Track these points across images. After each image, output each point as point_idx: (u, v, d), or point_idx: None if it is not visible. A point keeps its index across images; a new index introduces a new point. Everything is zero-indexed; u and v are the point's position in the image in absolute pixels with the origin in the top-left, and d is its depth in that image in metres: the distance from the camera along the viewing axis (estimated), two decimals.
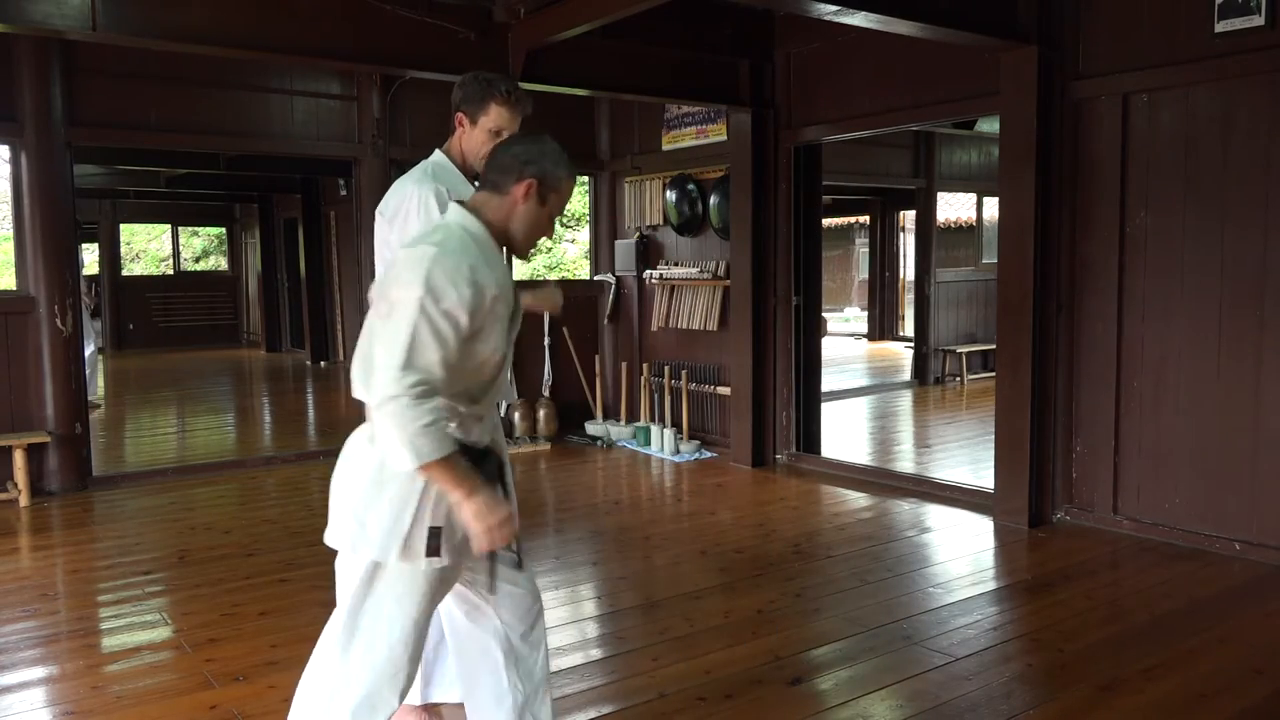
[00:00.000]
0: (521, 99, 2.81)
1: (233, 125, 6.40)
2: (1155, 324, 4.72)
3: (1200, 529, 4.59)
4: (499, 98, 2.78)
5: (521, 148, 2.08)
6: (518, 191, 2.04)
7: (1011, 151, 5.02)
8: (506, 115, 2.80)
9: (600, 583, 4.20)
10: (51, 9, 4.06)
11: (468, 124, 2.82)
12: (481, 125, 2.82)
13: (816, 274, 6.70)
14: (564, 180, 2.09)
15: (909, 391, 10.18)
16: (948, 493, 5.69)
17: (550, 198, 2.08)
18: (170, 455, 7.38)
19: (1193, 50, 4.47)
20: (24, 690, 3.21)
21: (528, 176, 2.04)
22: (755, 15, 6.16)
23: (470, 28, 5.02)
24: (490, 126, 2.81)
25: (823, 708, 3.04)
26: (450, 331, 1.89)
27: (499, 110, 2.80)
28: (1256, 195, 4.35)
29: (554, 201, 2.09)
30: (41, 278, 5.78)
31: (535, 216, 2.08)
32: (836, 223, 16.94)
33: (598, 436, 7.38)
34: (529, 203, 2.06)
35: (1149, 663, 3.32)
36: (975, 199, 11.64)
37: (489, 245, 2.04)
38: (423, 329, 1.87)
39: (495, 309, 1.97)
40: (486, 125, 2.81)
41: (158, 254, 19.37)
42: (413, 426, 1.84)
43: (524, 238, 2.09)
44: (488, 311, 1.95)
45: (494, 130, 2.81)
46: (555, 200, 2.09)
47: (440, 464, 1.89)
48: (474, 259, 1.95)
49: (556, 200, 2.09)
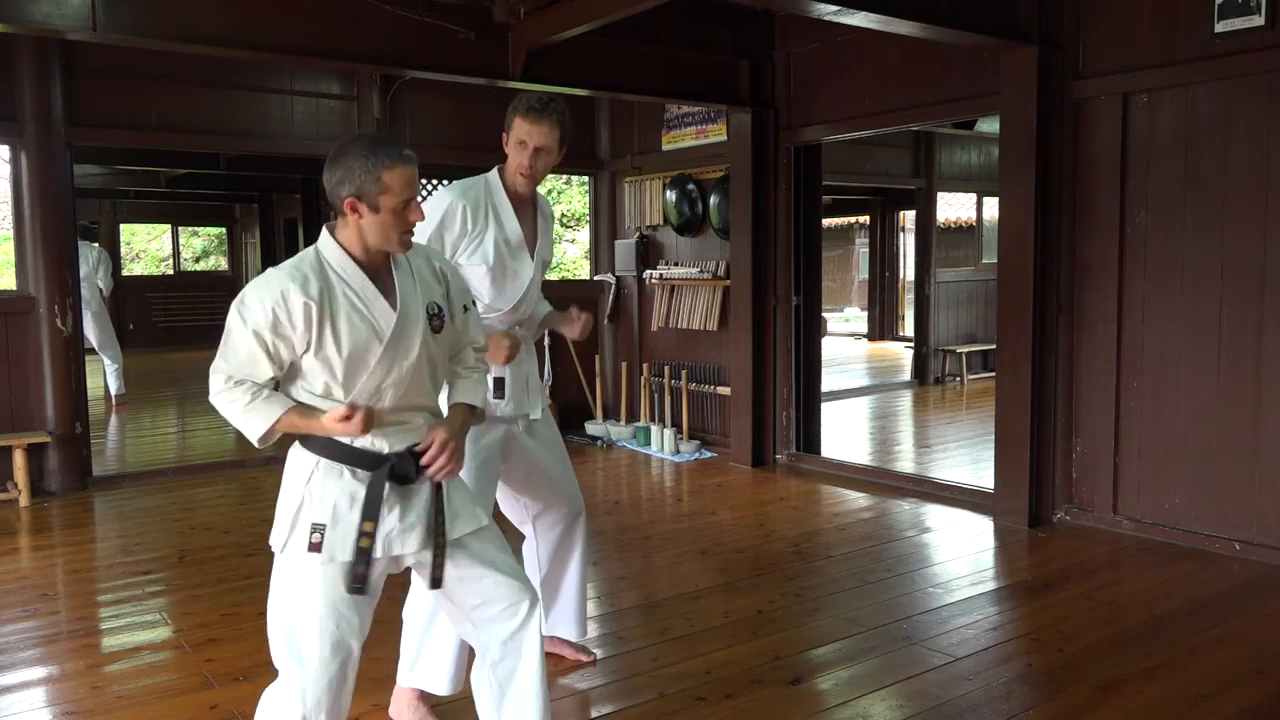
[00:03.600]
0: (539, 110, 2.82)
1: (233, 125, 6.39)
2: (1155, 324, 4.72)
3: (1200, 529, 4.59)
4: (520, 111, 2.85)
5: (329, 170, 2.06)
6: (347, 211, 2.05)
7: (1011, 151, 5.02)
8: (526, 128, 2.83)
9: (600, 583, 4.20)
10: (51, 9, 4.06)
11: (505, 141, 2.87)
12: (510, 140, 2.88)
13: (816, 274, 6.70)
14: (384, 178, 2.01)
15: (909, 391, 10.18)
16: (948, 493, 5.69)
17: (380, 201, 2.02)
18: (170, 455, 7.38)
19: (1192, 50, 4.47)
20: (24, 690, 3.21)
21: (345, 197, 2.04)
22: (755, 15, 6.16)
23: (470, 28, 5.02)
24: (515, 139, 2.86)
25: (823, 708, 3.04)
26: (253, 342, 2.02)
27: (520, 123, 2.84)
28: (1256, 195, 4.35)
29: (387, 201, 2.02)
30: (41, 278, 5.78)
31: (377, 223, 2.05)
32: (836, 223, 16.94)
33: (597, 436, 7.38)
34: (363, 217, 2.05)
35: (1149, 663, 3.32)
36: (975, 199, 11.64)
37: (345, 265, 2.08)
38: (231, 338, 2.06)
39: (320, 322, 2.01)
40: (513, 139, 2.88)
41: (158, 254, 19.36)
42: (236, 411, 2.06)
43: (382, 244, 2.08)
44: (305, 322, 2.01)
45: (520, 143, 2.86)
46: (388, 199, 2.02)
47: (283, 423, 2.06)
48: (291, 277, 2.02)
49: (389, 198, 2.02)
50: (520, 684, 2.24)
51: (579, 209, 15.90)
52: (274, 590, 2.15)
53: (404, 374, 2.12)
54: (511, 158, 2.89)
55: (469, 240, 2.86)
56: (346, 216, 2.06)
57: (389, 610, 3.34)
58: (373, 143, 2.05)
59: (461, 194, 2.87)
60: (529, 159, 2.86)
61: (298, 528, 2.10)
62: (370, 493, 2.10)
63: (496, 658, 2.25)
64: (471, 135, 6.89)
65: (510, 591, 2.25)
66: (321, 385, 2.09)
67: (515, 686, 2.25)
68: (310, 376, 2.08)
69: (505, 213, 2.92)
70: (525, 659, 2.25)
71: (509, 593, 2.25)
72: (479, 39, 5.06)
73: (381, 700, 2.99)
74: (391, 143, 2.06)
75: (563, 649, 3.34)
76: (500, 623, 2.24)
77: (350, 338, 2.05)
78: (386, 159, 2.02)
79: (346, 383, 2.08)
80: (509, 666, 2.25)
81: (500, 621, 2.24)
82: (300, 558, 2.09)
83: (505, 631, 2.24)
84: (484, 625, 2.26)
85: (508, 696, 2.25)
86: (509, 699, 2.25)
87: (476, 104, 6.74)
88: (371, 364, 2.07)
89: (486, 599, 2.24)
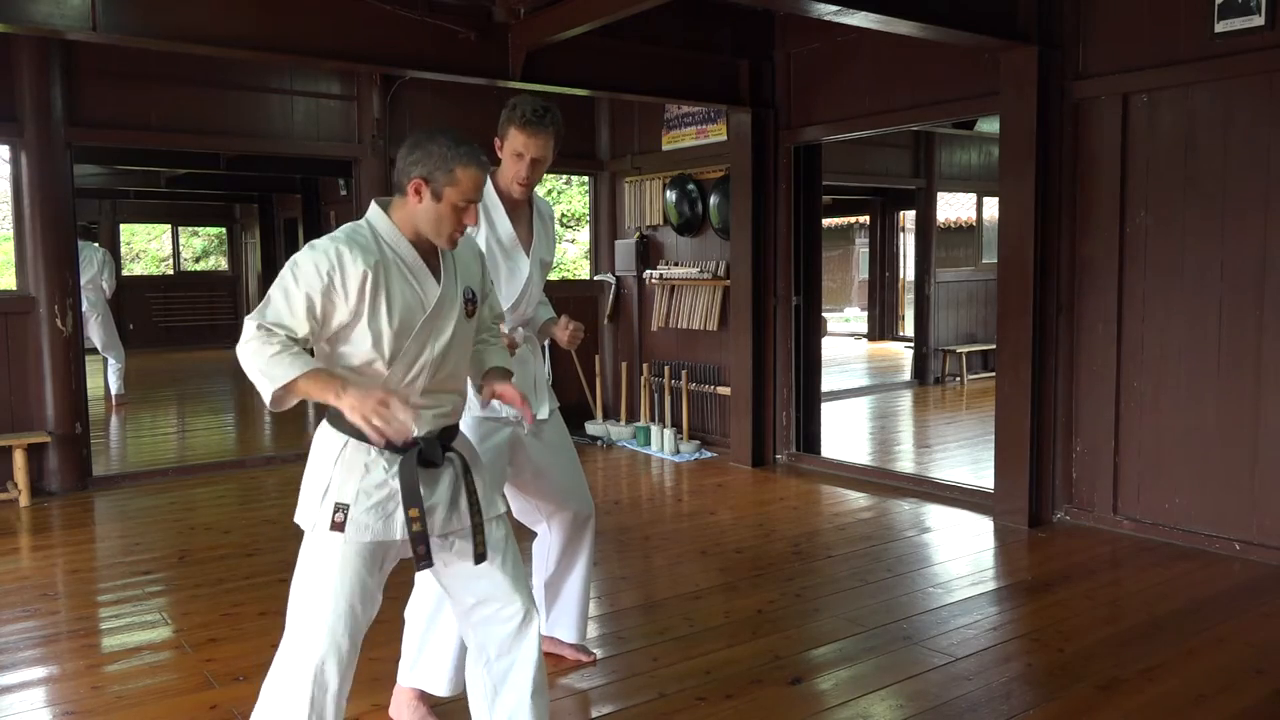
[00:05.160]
0: (536, 123, 2.81)
1: (233, 125, 6.39)
2: (1155, 324, 4.72)
3: (1200, 529, 4.59)
4: (515, 121, 2.83)
5: (407, 149, 2.13)
6: (410, 192, 2.11)
7: (1011, 151, 5.02)
8: (523, 139, 2.83)
9: (600, 582, 4.20)
10: (51, 9, 4.06)
11: (499, 147, 2.87)
12: (506, 149, 2.88)
13: (816, 274, 6.70)
14: (457, 172, 2.09)
15: (909, 391, 10.18)
16: (948, 493, 5.69)
17: (445, 192, 2.10)
18: (170, 455, 7.38)
19: (1192, 50, 4.47)
20: (24, 690, 3.21)
21: (414, 177, 2.10)
22: (755, 15, 6.16)
23: (470, 28, 5.02)
24: (511, 150, 2.86)
25: (823, 708, 3.04)
26: (301, 301, 2.02)
27: (516, 134, 2.84)
28: (1256, 195, 4.35)
29: (451, 194, 2.10)
30: (41, 278, 5.78)
31: (434, 212, 2.11)
32: (836, 223, 16.94)
33: (597, 436, 7.39)
34: (424, 201, 2.11)
35: (1149, 663, 3.32)
36: (975, 199, 11.65)
37: (397, 241, 2.13)
38: (277, 290, 2.04)
39: (374, 292, 2.05)
40: (508, 149, 2.88)
41: (158, 254, 19.36)
42: (263, 358, 2.00)
43: (432, 233, 2.14)
44: (359, 290, 2.04)
45: (516, 154, 2.86)
46: (453, 193, 2.10)
47: (301, 382, 2.01)
48: (349, 244, 2.06)
49: (455, 192, 2.10)
50: (514, 684, 2.25)
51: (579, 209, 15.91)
52: (299, 566, 2.19)
53: (437, 354, 2.16)
54: (507, 166, 2.89)
55: None
56: (408, 196, 2.12)
57: (389, 610, 3.34)
58: (457, 138, 2.13)
59: None
60: (526, 170, 2.87)
61: (324, 507, 2.13)
62: (404, 479, 2.12)
63: (492, 656, 2.27)
64: (471, 135, 6.80)
65: (508, 593, 2.25)
66: (363, 356, 2.10)
67: (509, 686, 2.26)
68: (356, 345, 2.10)
69: (497, 213, 2.93)
70: (521, 660, 2.25)
71: (507, 594, 2.25)
72: (479, 39, 5.06)
73: (381, 700, 2.99)
74: (473, 145, 2.14)
75: (562, 649, 3.34)
76: (497, 624, 2.25)
77: (402, 308, 2.10)
78: (465, 156, 2.11)
79: (391, 355, 2.11)
80: (504, 666, 2.26)
81: (497, 623, 2.25)
82: (324, 536, 2.13)
83: (502, 633, 2.25)
84: (480, 625, 2.27)
85: (501, 695, 2.26)
86: (502, 698, 2.26)
87: (476, 104, 6.73)
88: (414, 335, 2.12)
89: (483, 598, 2.25)
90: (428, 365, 2.16)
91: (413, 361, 2.14)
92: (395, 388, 2.12)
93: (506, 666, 2.26)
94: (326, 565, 2.13)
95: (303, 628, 2.15)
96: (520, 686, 2.25)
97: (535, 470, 3.10)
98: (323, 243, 2.07)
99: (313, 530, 2.15)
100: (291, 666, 2.15)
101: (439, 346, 2.16)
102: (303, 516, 2.18)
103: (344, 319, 2.07)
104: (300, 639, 2.15)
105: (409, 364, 2.14)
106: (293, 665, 2.15)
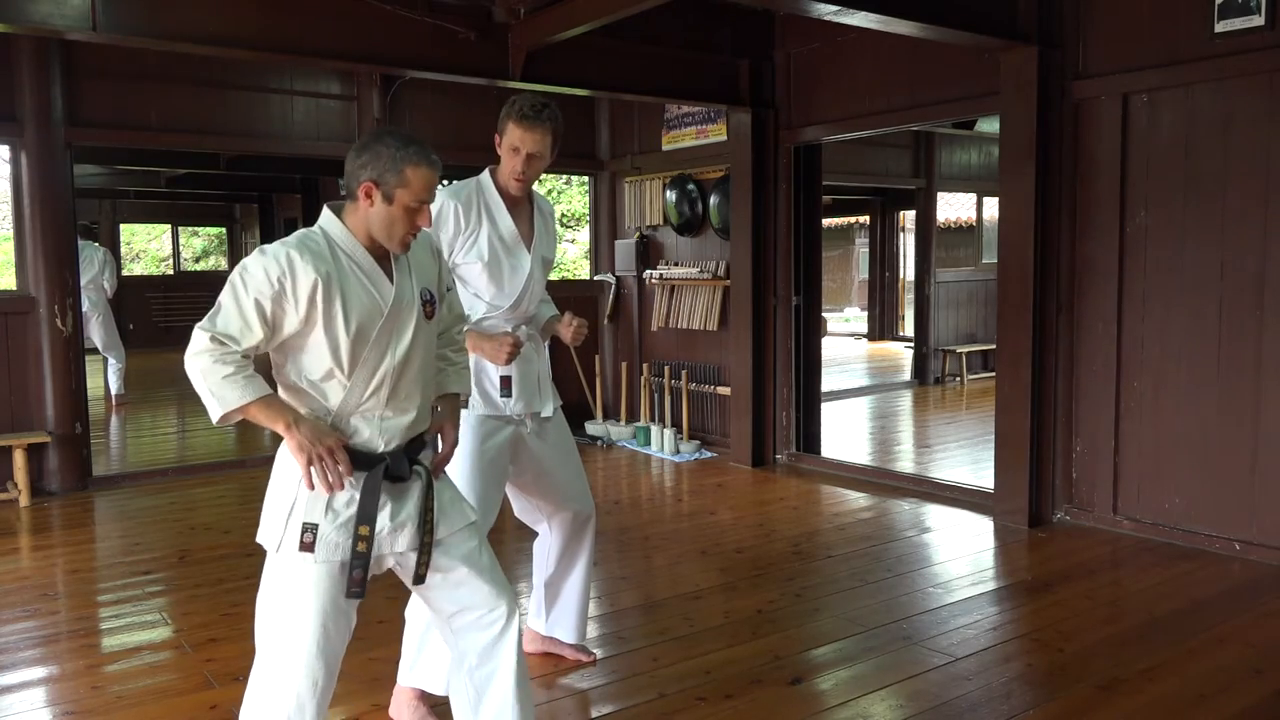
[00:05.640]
0: (533, 117, 2.82)
1: (233, 125, 6.40)
2: (1155, 324, 4.72)
3: (1200, 529, 4.59)
4: (513, 118, 2.85)
5: (355, 152, 2.09)
6: (361, 195, 2.07)
7: (1011, 151, 5.02)
8: (520, 134, 2.84)
9: (600, 582, 4.20)
10: (51, 9, 4.06)
11: (498, 143, 2.88)
12: (503, 144, 2.89)
13: (816, 274, 6.70)
14: (407, 172, 2.04)
15: (909, 391, 10.18)
16: (948, 493, 5.69)
17: (396, 194, 2.05)
18: (170, 455, 7.38)
19: (1192, 50, 4.47)
20: (24, 690, 3.21)
21: (363, 180, 2.06)
22: (755, 15, 6.16)
23: (470, 28, 5.01)
24: (508, 145, 2.88)
25: (823, 708, 3.04)
26: (252, 307, 1.98)
27: (514, 129, 2.86)
28: (1256, 195, 4.35)
29: (403, 196, 2.05)
30: (41, 278, 5.79)
31: (386, 215, 2.07)
32: (836, 223, 16.93)
33: (597, 436, 7.39)
34: (375, 204, 2.07)
35: (1149, 663, 3.32)
36: (975, 199, 11.64)
37: (353, 247, 2.09)
38: (227, 297, 2.00)
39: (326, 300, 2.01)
40: (506, 144, 2.89)
41: (158, 254, 19.37)
42: (215, 378, 1.97)
43: (384, 237, 2.10)
44: (309, 298, 2.00)
45: (514, 149, 2.87)
46: (404, 194, 2.05)
47: (253, 408, 2.00)
48: (300, 250, 2.02)
49: (406, 194, 2.05)
50: (496, 690, 2.22)
51: (579, 209, 15.90)
52: (264, 588, 2.13)
53: (398, 361, 2.12)
54: (505, 162, 2.91)
55: (464, 238, 2.89)
56: (359, 201, 2.08)
57: (389, 610, 3.35)
58: (405, 138, 2.08)
59: (453, 194, 2.90)
60: (522, 165, 2.88)
61: (290, 526, 2.07)
62: (365, 494, 2.09)
63: (474, 664, 2.23)
64: (471, 135, 6.88)
65: (487, 599, 2.22)
66: (323, 369, 2.07)
67: (491, 692, 2.23)
68: (312, 355, 2.06)
69: (498, 210, 2.94)
70: (502, 666, 2.22)
71: (486, 600, 2.22)
72: (479, 39, 5.06)
73: (381, 700, 2.99)
74: (422, 144, 2.09)
75: (562, 649, 3.34)
76: (477, 631, 2.22)
77: (359, 314, 2.06)
78: (414, 156, 2.05)
79: (351, 365, 2.07)
80: (486, 673, 2.23)
81: (477, 630, 2.22)
82: (292, 557, 2.08)
83: (483, 640, 2.22)
84: (461, 633, 2.24)
85: (484, 702, 2.24)
86: (485, 704, 2.23)
87: (476, 104, 6.74)
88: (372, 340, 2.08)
89: (463, 606, 2.22)
90: (389, 374, 2.11)
91: (374, 371, 2.09)
92: (359, 402, 2.09)
93: (488, 674, 2.22)
94: (297, 588, 2.08)
95: (276, 657, 2.09)
96: (503, 693, 2.22)
97: (537, 470, 3.10)
98: (274, 248, 2.03)
99: (277, 551, 2.09)
100: (267, 699, 2.10)
101: (400, 352, 2.11)
102: (266, 536, 2.11)
103: (294, 327, 2.02)
104: (274, 669, 2.10)
105: (370, 374, 2.09)
106: (268, 698, 2.10)
